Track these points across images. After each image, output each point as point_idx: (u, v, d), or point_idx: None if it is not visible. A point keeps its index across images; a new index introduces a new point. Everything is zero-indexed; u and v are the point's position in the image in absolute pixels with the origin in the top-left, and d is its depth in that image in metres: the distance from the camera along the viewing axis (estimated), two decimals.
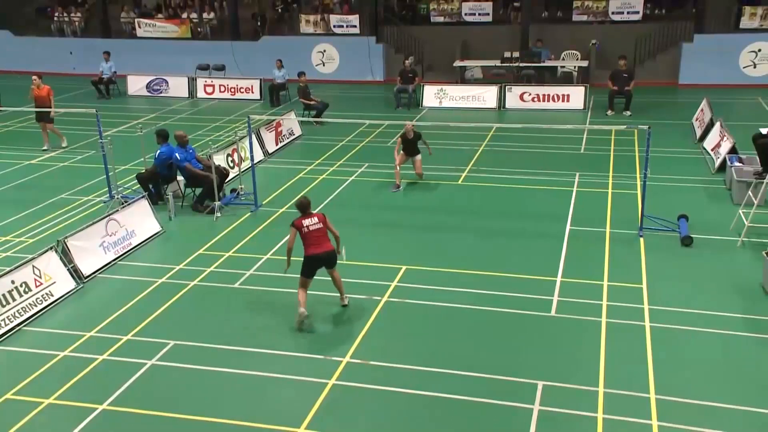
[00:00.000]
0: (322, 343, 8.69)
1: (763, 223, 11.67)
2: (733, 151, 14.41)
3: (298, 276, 10.53)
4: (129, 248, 11.51)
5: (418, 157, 14.64)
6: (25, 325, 9.29)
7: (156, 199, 13.31)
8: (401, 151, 14.59)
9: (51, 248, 10.18)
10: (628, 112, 20.02)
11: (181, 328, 9.13)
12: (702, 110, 18.16)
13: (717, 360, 8.24)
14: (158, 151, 13.34)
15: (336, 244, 9.28)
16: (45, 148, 17.54)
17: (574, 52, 25.16)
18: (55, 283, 9.97)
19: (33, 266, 9.76)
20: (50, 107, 17.32)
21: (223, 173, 13.76)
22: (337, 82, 26.27)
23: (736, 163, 13.71)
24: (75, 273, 10.38)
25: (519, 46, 24.53)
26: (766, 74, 23.61)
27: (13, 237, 12.20)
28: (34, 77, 17.57)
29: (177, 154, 13.17)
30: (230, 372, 8.17)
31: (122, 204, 12.35)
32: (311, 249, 8.99)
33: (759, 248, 10.90)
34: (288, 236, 9.18)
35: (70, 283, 10.21)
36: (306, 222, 9.01)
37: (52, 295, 9.87)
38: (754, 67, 23.70)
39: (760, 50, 23.48)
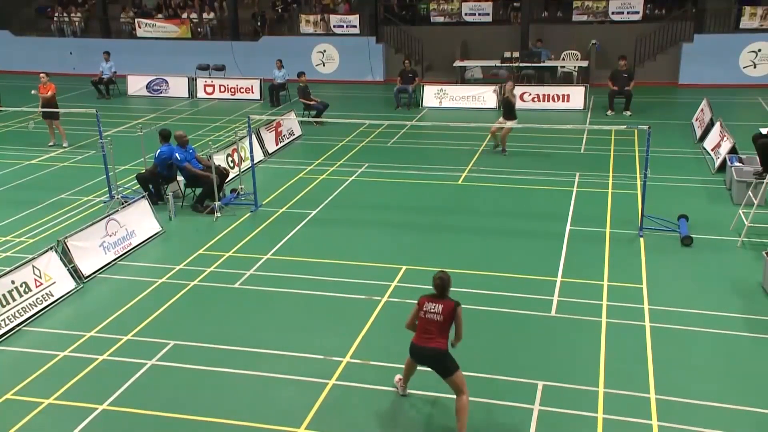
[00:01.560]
0: (322, 343, 8.67)
1: (763, 223, 11.67)
2: (733, 151, 14.41)
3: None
4: (129, 248, 11.51)
5: (510, 123, 16.03)
6: (25, 325, 9.29)
7: (156, 199, 13.30)
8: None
9: (51, 248, 10.18)
10: (628, 112, 20.02)
11: (181, 328, 9.12)
12: (702, 110, 18.16)
13: (717, 360, 8.23)
14: (158, 150, 13.35)
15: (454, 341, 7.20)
16: (51, 144, 17.60)
17: (574, 52, 25.16)
18: (55, 283, 9.97)
19: (33, 266, 9.75)
20: (56, 105, 17.47)
21: (223, 173, 13.75)
22: (337, 82, 26.28)
23: (736, 163, 13.71)
24: (75, 273, 10.37)
25: (519, 46, 24.54)
26: (766, 74, 23.61)
27: (13, 237, 12.19)
28: (42, 75, 17.62)
29: (177, 154, 13.18)
30: (230, 372, 8.17)
31: (122, 204, 12.35)
32: (417, 338, 7.08)
33: (759, 248, 10.90)
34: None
35: (70, 283, 10.20)
36: (428, 306, 7.02)
37: (52, 295, 9.86)
38: (754, 67, 23.69)
39: (760, 50, 23.48)
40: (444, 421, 7.26)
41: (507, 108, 16.29)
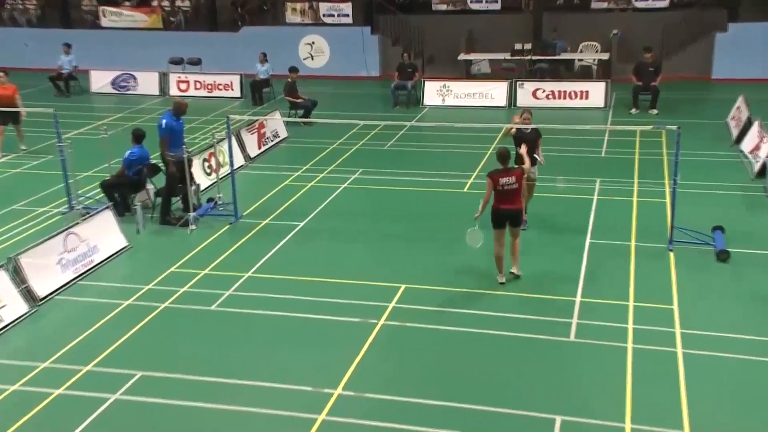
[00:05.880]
0: (310, 373, 8.63)
1: None
2: None
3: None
4: (91, 266, 11.46)
5: (534, 170, 12.22)
6: None
7: (122, 210, 13.27)
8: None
9: (1, 266, 10.13)
10: (655, 111, 20.10)
11: (150, 357, 9.07)
12: (738, 108, 18.22)
13: (759, 392, 8.19)
14: (128, 152, 13.35)
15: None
16: None
17: (594, 43, 25.28)
18: (5, 306, 9.90)
19: None
20: (17, 107, 17.28)
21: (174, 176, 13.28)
22: (328, 78, 26.35)
23: None
24: (28, 294, 10.32)
25: (531, 37, 24.64)
26: None
27: None
28: (0, 74, 17.52)
29: (165, 121, 13.11)
30: (205, 407, 8.11)
31: (83, 216, 12.32)
32: (501, 204, 10.40)
33: None
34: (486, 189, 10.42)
35: (22, 307, 10.14)
36: (503, 181, 10.27)
37: (1, 320, 9.80)
38: None
39: None
40: None
41: (530, 147, 11.88)
